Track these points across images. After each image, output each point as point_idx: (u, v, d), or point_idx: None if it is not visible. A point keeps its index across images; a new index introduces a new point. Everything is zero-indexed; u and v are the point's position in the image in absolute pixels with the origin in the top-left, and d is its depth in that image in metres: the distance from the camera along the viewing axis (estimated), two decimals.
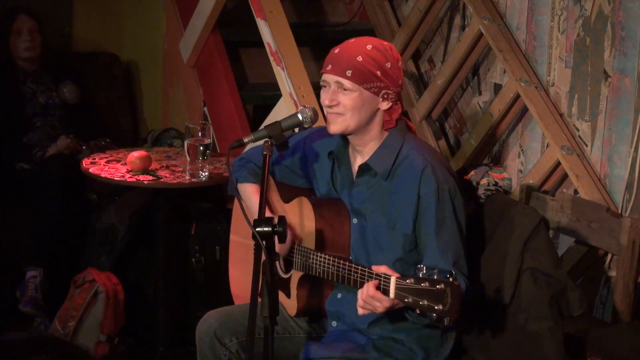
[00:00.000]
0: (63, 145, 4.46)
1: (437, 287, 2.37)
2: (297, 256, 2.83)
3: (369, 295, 2.51)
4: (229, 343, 2.90)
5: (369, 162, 2.77)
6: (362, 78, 2.69)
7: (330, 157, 2.88)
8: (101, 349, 4.02)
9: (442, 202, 2.68)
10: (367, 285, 2.52)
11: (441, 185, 2.68)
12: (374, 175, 2.78)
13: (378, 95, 2.72)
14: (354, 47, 2.73)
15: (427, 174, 2.68)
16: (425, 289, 2.38)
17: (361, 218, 2.80)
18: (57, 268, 4.31)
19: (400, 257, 2.73)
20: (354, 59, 2.70)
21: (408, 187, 2.70)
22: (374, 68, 2.69)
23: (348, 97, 2.71)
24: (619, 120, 3.40)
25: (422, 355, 2.76)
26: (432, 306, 2.37)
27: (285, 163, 3.00)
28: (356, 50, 2.71)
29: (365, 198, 2.79)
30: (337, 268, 2.67)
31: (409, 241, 2.72)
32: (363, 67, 2.69)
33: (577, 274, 3.42)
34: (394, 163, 2.74)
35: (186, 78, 5.01)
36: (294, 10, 4.96)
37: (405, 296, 2.42)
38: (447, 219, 2.69)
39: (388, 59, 2.72)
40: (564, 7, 3.63)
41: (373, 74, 2.69)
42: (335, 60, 2.73)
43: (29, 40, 4.60)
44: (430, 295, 2.38)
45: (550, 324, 2.74)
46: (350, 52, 2.71)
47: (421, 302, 2.39)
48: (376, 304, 2.51)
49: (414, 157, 2.72)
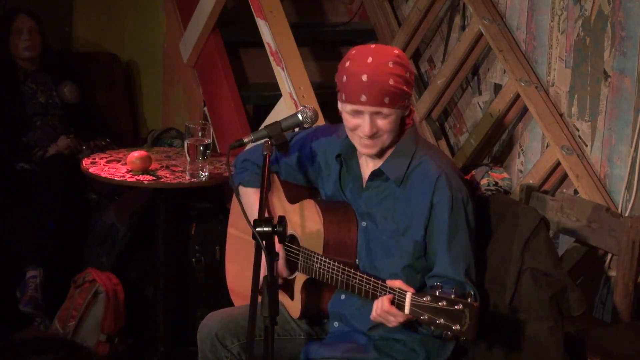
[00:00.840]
0: (63, 145, 4.46)
1: (455, 307, 2.37)
2: (302, 259, 2.82)
3: (383, 310, 2.51)
4: (231, 345, 2.89)
5: (383, 168, 2.75)
6: (397, 100, 2.66)
7: (338, 160, 2.86)
8: (101, 349, 4.02)
9: (455, 211, 2.68)
10: (382, 299, 2.51)
11: (455, 194, 2.68)
12: (385, 180, 2.76)
13: (406, 107, 2.71)
14: (379, 70, 2.63)
15: (442, 182, 2.68)
16: (443, 308, 2.38)
17: (370, 222, 2.78)
18: (57, 268, 4.30)
19: (409, 263, 2.72)
20: (386, 83, 2.62)
21: (421, 194, 2.69)
22: (403, 85, 2.65)
23: (387, 121, 2.67)
24: (619, 120, 3.40)
25: (423, 355, 2.76)
26: (450, 326, 2.37)
27: (290, 162, 2.98)
28: (383, 73, 2.63)
29: (376, 202, 2.78)
30: (347, 277, 2.66)
31: (419, 248, 2.71)
32: (396, 89, 2.63)
33: (577, 274, 3.42)
34: (407, 168, 2.73)
35: (186, 78, 5.01)
36: (294, 10, 4.96)
37: (422, 313, 2.42)
38: (459, 228, 2.69)
39: (407, 68, 2.68)
40: (564, 7, 3.63)
41: (404, 92, 2.66)
42: (368, 89, 2.63)
43: (29, 40, 4.60)
44: (447, 314, 2.37)
45: (550, 324, 2.74)
46: (380, 78, 2.63)
47: (438, 321, 2.39)
48: (390, 319, 2.51)
49: (428, 164, 2.71)
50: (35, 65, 4.67)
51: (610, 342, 2.94)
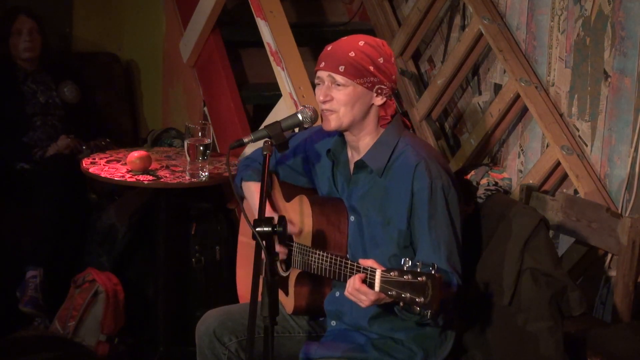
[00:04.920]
0: (63, 145, 4.46)
1: (418, 279, 2.37)
2: (295, 254, 2.84)
3: (354, 288, 2.51)
4: (229, 342, 2.91)
5: (364, 159, 2.79)
6: (355, 73, 2.71)
7: (329, 156, 2.90)
8: (101, 349, 4.02)
9: (434, 198, 2.69)
10: (353, 278, 2.53)
11: (434, 180, 2.69)
12: (370, 172, 2.79)
13: (372, 90, 2.74)
14: (346, 43, 2.76)
15: (421, 169, 2.70)
16: (408, 281, 2.38)
17: (358, 215, 2.81)
18: (57, 268, 4.30)
19: (395, 252, 2.74)
20: (346, 54, 2.72)
21: (402, 183, 2.72)
22: (367, 63, 2.72)
23: (342, 92, 2.73)
24: (619, 120, 3.40)
25: (421, 355, 2.77)
26: (414, 298, 2.37)
27: (287, 163, 3.01)
28: (349, 46, 2.74)
29: (362, 195, 2.80)
30: (331, 264, 2.68)
31: (404, 237, 2.73)
32: (356, 62, 2.71)
33: (577, 274, 3.42)
34: (389, 159, 2.76)
35: (186, 78, 5.01)
36: (294, 10, 4.96)
37: (389, 289, 2.42)
38: (439, 214, 2.69)
39: (381, 54, 2.74)
40: (564, 7, 3.63)
41: (366, 69, 2.71)
42: (328, 56, 2.76)
43: (29, 41, 4.60)
44: (412, 287, 2.38)
45: (550, 324, 2.74)
46: (343, 48, 2.74)
47: (403, 295, 2.39)
48: (362, 297, 2.51)
49: (409, 153, 2.74)
50: (35, 66, 4.67)
51: (610, 342, 2.94)
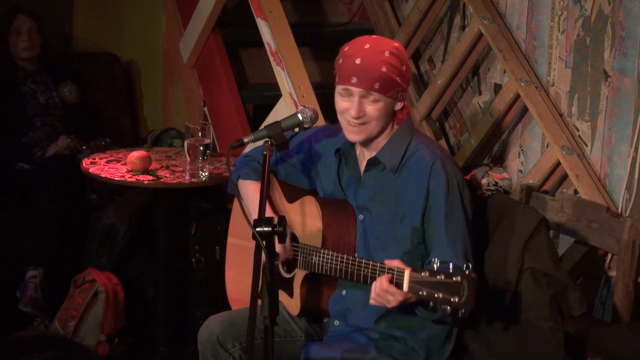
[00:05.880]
0: (63, 145, 4.46)
1: (453, 279, 2.38)
2: (301, 255, 2.83)
3: (382, 289, 2.51)
4: (232, 349, 2.89)
5: (378, 156, 2.79)
6: (388, 88, 2.70)
7: (337, 155, 2.89)
8: (101, 349, 4.02)
9: (451, 196, 2.70)
10: (380, 279, 2.52)
11: (450, 179, 2.71)
12: (382, 169, 2.79)
13: (397, 99, 2.75)
14: (374, 56, 2.70)
15: (437, 168, 2.71)
16: (441, 282, 2.38)
17: (367, 213, 2.80)
18: (57, 268, 4.30)
19: (408, 250, 2.73)
20: (379, 70, 2.68)
21: (417, 180, 2.72)
22: (395, 75, 2.70)
23: (375, 107, 2.72)
24: (619, 120, 3.40)
25: (423, 355, 2.76)
26: (448, 298, 2.37)
27: (289, 162, 3.00)
28: (377, 59, 2.69)
29: (373, 193, 2.80)
30: (345, 264, 2.67)
31: (417, 234, 2.73)
32: (388, 77, 2.69)
33: (577, 274, 3.42)
34: (403, 157, 2.76)
35: (186, 78, 5.01)
36: (294, 10, 4.96)
37: (420, 289, 2.42)
38: (455, 213, 2.71)
39: (403, 62, 2.73)
40: (564, 7, 3.63)
41: (395, 82, 2.71)
42: (359, 72, 2.69)
43: (28, 40, 4.60)
44: (445, 287, 2.38)
45: (550, 323, 2.74)
46: (374, 63, 2.69)
47: (436, 295, 2.39)
48: (389, 298, 2.51)
49: (423, 151, 2.75)
50: (35, 66, 4.67)
51: (610, 342, 2.94)
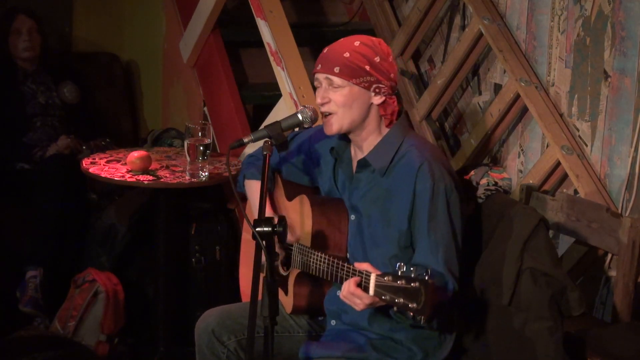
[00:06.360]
0: (63, 145, 4.46)
1: (412, 285, 2.37)
2: (296, 254, 2.84)
3: (349, 291, 2.52)
4: (228, 341, 2.91)
5: (367, 158, 2.79)
6: (351, 73, 2.72)
7: (332, 154, 2.90)
8: (101, 349, 4.02)
9: (436, 199, 2.69)
10: (348, 281, 2.53)
11: (437, 182, 2.69)
12: (372, 171, 2.79)
13: (369, 89, 2.74)
14: (341, 44, 2.78)
15: (424, 170, 2.69)
16: (402, 287, 2.38)
17: (359, 214, 2.81)
18: (57, 268, 4.30)
19: (396, 253, 2.73)
20: (341, 55, 2.73)
21: (405, 183, 2.72)
22: (362, 63, 2.72)
23: (338, 93, 2.74)
24: (619, 120, 3.40)
25: (420, 355, 2.76)
26: (407, 304, 2.37)
27: (291, 161, 3.02)
28: (344, 47, 2.76)
29: (363, 194, 2.80)
30: (329, 265, 2.68)
31: (405, 237, 2.72)
32: (351, 62, 2.72)
33: (577, 274, 3.42)
34: (392, 159, 2.76)
35: (186, 78, 5.01)
36: (294, 10, 4.96)
37: (383, 293, 2.42)
38: (439, 217, 2.69)
39: (377, 53, 2.74)
40: (564, 7, 3.63)
41: (362, 69, 2.72)
42: (324, 59, 2.77)
43: (28, 40, 4.60)
44: (405, 293, 2.37)
45: (550, 324, 2.74)
46: (338, 50, 2.76)
47: (397, 300, 2.39)
48: (357, 301, 2.52)
49: (413, 153, 2.74)
50: (35, 66, 4.67)
51: (610, 342, 2.94)
